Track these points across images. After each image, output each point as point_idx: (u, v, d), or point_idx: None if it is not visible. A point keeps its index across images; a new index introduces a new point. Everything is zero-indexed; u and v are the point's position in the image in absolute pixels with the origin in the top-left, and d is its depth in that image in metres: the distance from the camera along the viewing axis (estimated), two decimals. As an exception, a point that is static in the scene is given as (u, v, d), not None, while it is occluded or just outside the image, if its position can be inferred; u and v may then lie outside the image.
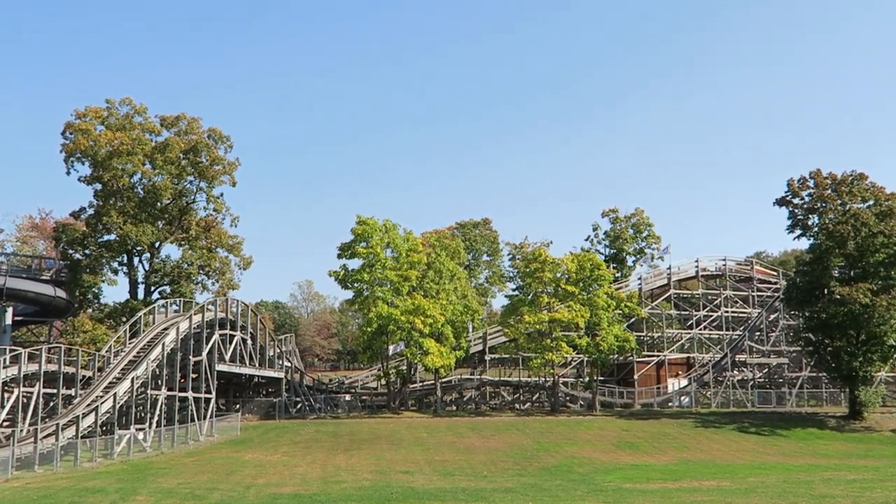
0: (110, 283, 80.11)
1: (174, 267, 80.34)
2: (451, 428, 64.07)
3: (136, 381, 54.99)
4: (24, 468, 43.20)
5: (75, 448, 46.89)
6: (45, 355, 53.86)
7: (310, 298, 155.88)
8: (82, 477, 40.61)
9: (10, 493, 34.75)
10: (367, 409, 78.19)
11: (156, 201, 79.76)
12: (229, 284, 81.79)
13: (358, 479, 39.87)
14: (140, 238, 76.88)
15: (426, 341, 71.64)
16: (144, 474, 41.66)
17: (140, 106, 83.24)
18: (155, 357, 57.86)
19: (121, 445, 50.84)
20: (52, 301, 71.09)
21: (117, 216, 76.85)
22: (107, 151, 77.67)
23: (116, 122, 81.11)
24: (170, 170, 79.79)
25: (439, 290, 77.20)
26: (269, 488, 35.97)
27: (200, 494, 33.82)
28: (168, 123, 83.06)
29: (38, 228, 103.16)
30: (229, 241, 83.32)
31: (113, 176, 77.72)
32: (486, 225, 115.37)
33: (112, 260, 79.40)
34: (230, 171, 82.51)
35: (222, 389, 71.65)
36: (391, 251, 78.03)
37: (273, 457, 49.95)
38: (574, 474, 43.33)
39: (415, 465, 46.07)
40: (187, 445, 56.46)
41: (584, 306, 75.92)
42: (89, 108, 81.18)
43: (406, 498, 32.81)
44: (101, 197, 79.39)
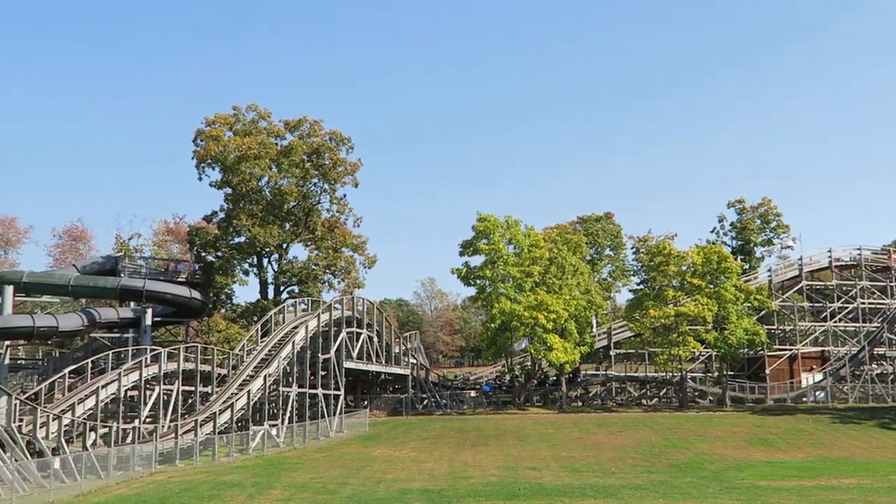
0: (241, 283, 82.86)
1: (301, 267, 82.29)
2: (577, 424, 63.63)
3: (268, 379, 56.66)
4: (167, 462, 45.08)
5: (213, 443, 48.65)
6: (183, 354, 55.97)
7: (433, 296, 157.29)
8: (220, 471, 42.10)
9: (154, 486, 36.35)
10: (493, 405, 78.37)
11: (282, 203, 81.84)
12: (355, 283, 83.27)
13: (485, 474, 40.04)
14: (268, 240, 79.06)
15: (550, 337, 71.31)
16: (278, 469, 42.89)
17: (265, 111, 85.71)
18: (286, 355, 59.45)
19: (255, 441, 52.48)
20: (188, 302, 73.76)
21: (246, 219, 79.20)
22: (235, 156, 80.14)
23: (243, 127, 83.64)
24: (295, 172, 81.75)
25: (562, 285, 76.69)
26: (398, 483, 36.51)
27: (332, 489, 34.62)
28: (291, 127, 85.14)
29: (172, 233, 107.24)
30: (353, 240, 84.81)
31: (241, 180, 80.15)
32: (608, 219, 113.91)
33: (243, 261, 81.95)
34: (352, 171, 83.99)
35: (350, 386, 73.03)
36: (513, 247, 77.96)
37: (401, 452, 50.64)
38: (705, 471, 42.40)
39: (542, 461, 45.95)
40: (318, 441, 57.81)
41: (712, 300, 74.15)
42: (218, 115, 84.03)
43: (534, 494, 32.80)
44: (231, 200, 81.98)
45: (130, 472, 40.64)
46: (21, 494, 31.93)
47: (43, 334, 66.92)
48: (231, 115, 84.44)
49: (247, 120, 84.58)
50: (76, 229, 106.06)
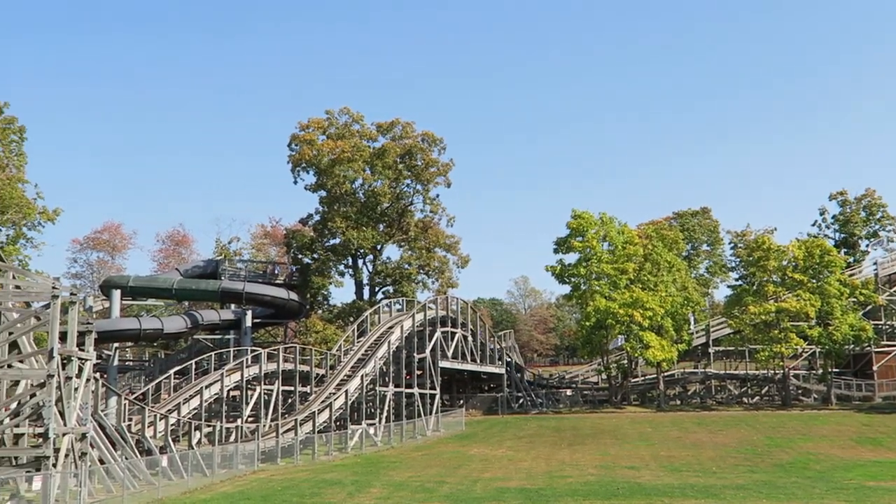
0: (337, 284, 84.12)
1: (395, 268, 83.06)
2: (675, 423, 62.65)
3: (365, 379, 57.37)
4: (268, 461, 46.06)
5: (313, 442, 49.50)
6: (282, 355, 57.09)
7: (526, 294, 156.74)
8: (320, 469, 42.80)
9: (257, 483, 37.18)
10: (589, 403, 77.79)
11: (376, 205, 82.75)
12: (448, 283, 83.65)
13: (583, 473, 39.76)
14: (362, 241, 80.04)
15: (646, 334, 70.44)
16: (377, 467, 43.37)
17: (357, 114, 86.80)
18: (382, 355, 60.09)
19: (354, 440, 53.21)
20: (286, 303, 75.21)
21: (341, 221, 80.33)
22: (329, 160, 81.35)
23: (336, 131, 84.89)
24: (388, 174, 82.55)
25: (658, 282, 75.64)
26: (495, 482, 36.53)
27: (430, 487, 34.83)
28: (384, 129, 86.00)
29: (270, 236, 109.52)
30: (446, 240, 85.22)
31: (336, 183, 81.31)
32: (704, 214, 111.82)
33: (338, 263, 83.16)
34: (444, 172, 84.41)
35: (446, 385, 73.40)
36: (607, 244, 77.26)
37: (497, 451, 50.66)
38: (810, 471, 41.24)
39: (640, 460, 45.39)
40: (415, 440, 58.27)
41: (814, 295, 72.10)
42: (311, 119, 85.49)
43: (633, 493, 32.42)
44: (326, 203, 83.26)
45: (234, 470, 41.65)
46: (132, 491, 33.04)
47: (149, 336, 69.19)
48: (324, 119, 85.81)
49: (340, 123, 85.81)
50: (178, 234, 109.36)
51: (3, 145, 59.86)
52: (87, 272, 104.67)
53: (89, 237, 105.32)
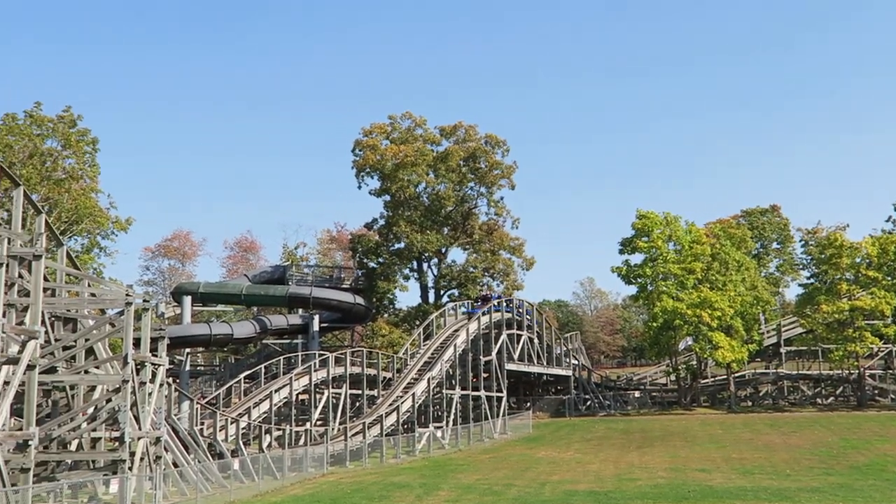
0: (402, 288, 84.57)
1: (460, 271, 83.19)
2: (747, 424, 61.60)
3: (431, 382, 57.55)
4: (337, 464, 46.50)
5: (381, 445, 49.85)
6: (349, 359, 57.61)
7: (592, 295, 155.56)
8: (388, 472, 43.06)
9: (327, 486, 37.58)
10: (658, 405, 76.96)
11: (440, 209, 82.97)
12: (513, 285, 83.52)
13: (653, 476, 39.35)
14: (427, 245, 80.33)
15: (715, 335, 69.43)
16: (444, 470, 43.48)
17: (420, 118, 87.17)
18: (448, 358, 60.23)
19: (421, 443, 53.42)
20: (353, 308, 75.83)
21: (406, 225, 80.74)
22: (393, 164, 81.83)
23: (400, 135, 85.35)
24: (451, 178, 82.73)
25: (726, 281, 74.48)
26: (563, 485, 36.37)
27: (498, 490, 34.83)
28: (447, 133, 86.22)
29: (335, 241, 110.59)
30: (511, 242, 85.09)
31: (400, 187, 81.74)
32: (774, 211, 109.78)
33: (403, 267, 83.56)
34: (508, 174, 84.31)
35: (512, 388, 73.25)
36: (673, 244, 76.38)
37: (565, 454, 50.41)
38: (889, 473, 40.19)
39: (711, 462, 44.75)
40: (482, 443, 58.27)
41: (890, 292, 70.30)
42: (374, 125, 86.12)
43: (704, 496, 32.01)
44: (391, 207, 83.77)
45: (304, 473, 42.15)
46: (205, 494, 33.66)
47: (219, 341, 70.37)
48: (387, 124, 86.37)
49: (403, 128, 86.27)
50: (246, 240, 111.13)
51: (76, 157, 61.42)
52: (159, 279, 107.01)
53: (160, 245, 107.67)
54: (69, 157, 61.16)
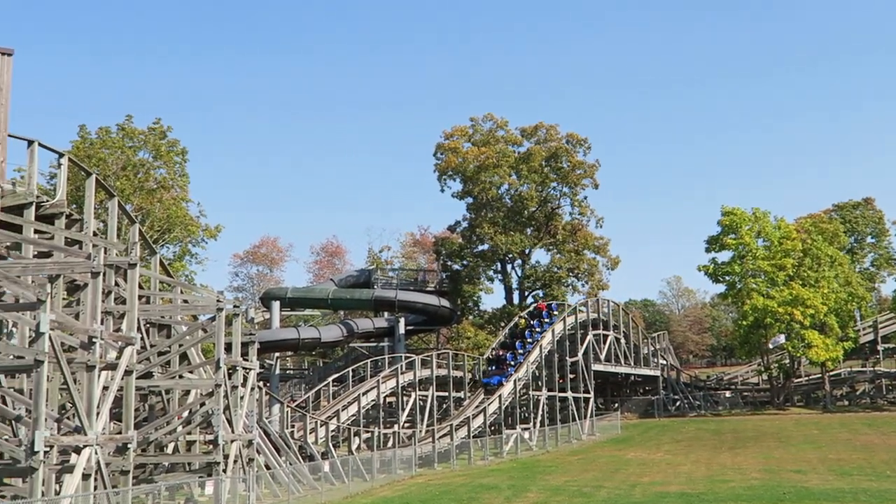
0: (487, 291, 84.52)
1: (545, 272, 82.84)
2: (844, 424, 59.92)
3: (518, 383, 57.52)
4: (425, 466, 46.77)
5: (468, 447, 49.99)
6: (436, 361, 57.90)
7: (679, 294, 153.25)
8: (476, 474, 43.15)
9: (416, 488, 37.84)
10: (749, 405, 75.43)
11: (523, 210, 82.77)
12: (599, 285, 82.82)
13: (746, 477, 38.59)
14: (511, 246, 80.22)
15: (808, 333, 67.74)
16: (532, 472, 43.38)
17: (501, 120, 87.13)
18: (534, 359, 60.10)
19: (509, 444, 53.40)
20: (438, 310, 76.13)
21: (489, 227, 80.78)
22: (475, 166, 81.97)
23: (481, 137, 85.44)
24: (534, 178, 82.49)
25: (818, 277, 72.58)
26: (654, 487, 35.93)
27: (587, 492, 34.58)
28: (528, 134, 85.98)
29: (419, 244, 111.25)
30: (595, 242, 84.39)
31: (482, 189, 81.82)
32: (867, 205, 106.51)
33: (487, 269, 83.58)
34: (591, 173, 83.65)
35: (599, 389, 72.68)
36: (762, 240, 74.77)
37: (655, 455, 49.79)
38: None
39: (807, 463, 43.65)
40: (570, 444, 57.96)
41: None
42: (456, 127, 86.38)
43: (801, 498, 31.26)
44: (473, 210, 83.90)
45: (393, 474, 42.51)
46: (297, 496, 34.23)
47: (307, 345, 71.43)
48: (468, 127, 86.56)
49: (484, 130, 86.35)
50: (331, 245, 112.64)
51: (167, 167, 63.12)
52: (248, 285, 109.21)
53: (249, 251, 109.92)
54: (160, 168, 62.89)
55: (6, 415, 23.53)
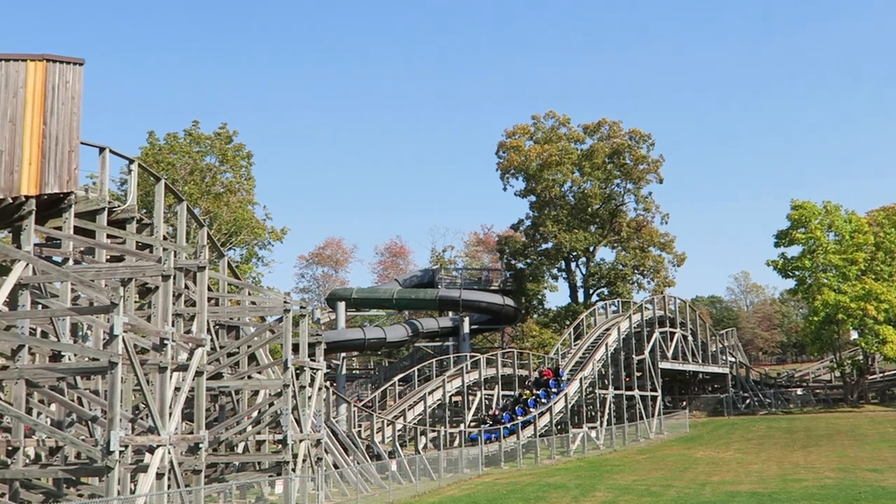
0: (552, 289, 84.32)
1: (610, 269, 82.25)
2: (921, 422, 58.42)
3: (584, 382, 57.18)
4: (492, 465, 46.76)
5: (535, 446, 49.85)
6: (500, 360, 57.87)
7: (747, 290, 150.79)
8: (543, 473, 43.00)
9: (483, 487, 37.86)
10: (822, 403, 73.91)
11: (586, 207, 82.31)
12: (664, 282, 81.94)
13: (819, 476, 37.81)
14: (575, 244, 79.81)
15: (882, 328, 66.10)
16: (600, 471, 43.08)
17: (563, 117, 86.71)
18: (599, 357, 59.70)
19: (575, 443, 53.11)
20: (502, 309, 76.14)
21: (552, 225, 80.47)
22: (537, 164, 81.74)
23: (543, 135, 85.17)
24: (597, 175, 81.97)
25: (893, 272, 70.78)
26: (724, 486, 35.43)
27: (656, 491, 34.23)
28: (590, 130, 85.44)
29: (482, 243, 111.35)
30: (661, 239, 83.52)
31: (545, 187, 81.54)
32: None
33: (552, 267, 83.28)
34: (655, 168, 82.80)
35: (667, 387, 71.88)
36: (833, 234, 73.19)
37: (725, 454, 49.07)
38: None
39: (883, 462, 42.56)
40: (638, 443, 57.43)
41: None
42: (517, 126, 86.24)
43: (877, 498, 30.55)
44: (536, 208, 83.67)
45: (459, 474, 42.57)
46: (364, 495, 34.50)
47: (372, 345, 72.04)
48: (530, 125, 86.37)
49: (546, 128, 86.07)
50: (395, 246, 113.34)
51: (233, 171, 64.16)
52: (314, 286, 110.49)
53: (314, 253, 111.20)
54: (226, 172, 63.97)
55: (82, 415, 24.14)
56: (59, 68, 24.97)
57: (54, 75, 24.74)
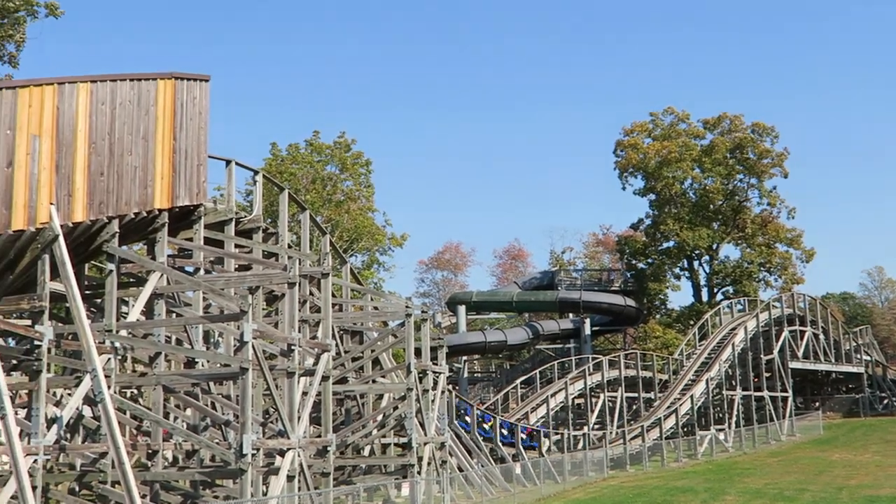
0: (674, 288, 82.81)
1: (734, 267, 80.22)
2: None
3: (710, 383, 55.93)
4: (617, 468, 46.24)
5: (661, 449, 49.03)
6: (623, 361, 57.18)
7: (882, 286, 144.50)
8: (670, 476, 42.23)
9: (608, 490, 37.46)
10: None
11: (708, 204, 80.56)
12: (793, 279, 79.37)
13: (967, 481, 35.98)
14: (697, 242, 78.20)
15: None
16: (729, 474, 42.03)
17: (682, 113, 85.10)
18: (726, 357, 58.30)
19: (703, 446, 52.00)
20: (623, 310, 75.27)
21: (673, 223, 79.05)
22: (656, 162, 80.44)
23: (662, 132, 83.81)
24: (718, 171, 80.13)
25: None
26: (863, 490, 34.05)
27: (790, 495, 33.20)
28: (711, 125, 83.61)
29: (602, 243, 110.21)
30: (787, 234, 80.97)
31: (665, 185, 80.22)
32: None
33: (673, 266, 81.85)
34: (780, 162, 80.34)
35: (798, 387, 69.58)
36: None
37: (863, 456, 47.14)
38: None
39: None
40: (768, 445, 55.81)
41: None
42: (635, 123, 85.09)
43: None
44: (656, 206, 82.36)
45: (584, 477, 42.25)
46: (489, 497, 34.62)
47: (493, 348, 72.23)
48: (648, 122, 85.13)
49: (665, 124, 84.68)
50: (514, 248, 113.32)
51: (353, 179, 65.42)
52: (434, 290, 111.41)
53: (433, 258, 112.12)
54: (346, 180, 65.27)
55: (216, 419, 24.98)
56: (186, 85, 25.95)
57: (182, 92, 25.72)
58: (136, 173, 23.66)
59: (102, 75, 22.92)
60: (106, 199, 22.50)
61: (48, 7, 38.94)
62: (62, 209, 20.88)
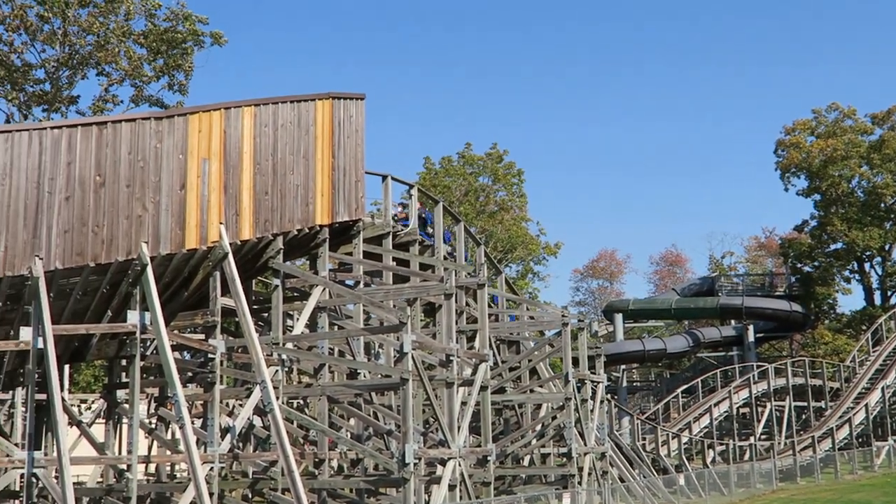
0: (844, 292, 79.04)
1: (909, 268, 75.98)
2: None
3: (886, 391, 53.14)
4: (787, 480, 44.51)
5: (833, 460, 46.90)
6: (790, 369, 55.05)
7: None
8: (844, 489, 40.36)
9: (778, 503, 36.13)
10: None
11: (879, 202, 76.63)
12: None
13: None
14: (868, 243, 74.49)
15: None
16: (912, 488, 39.81)
17: (848, 109, 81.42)
18: (903, 363, 55.30)
19: (880, 457, 49.41)
20: (788, 315, 72.47)
21: (841, 224, 75.61)
22: (820, 161, 77.31)
23: (826, 129, 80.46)
24: (889, 167, 76.11)
25: None
26: None
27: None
28: (879, 120, 79.61)
29: (764, 247, 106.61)
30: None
31: (830, 184, 76.96)
32: None
33: (842, 268, 78.25)
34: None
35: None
36: None
37: None
38: None
39: None
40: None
41: None
42: (797, 121, 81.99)
43: None
44: (822, 207, 79.07)
45: (752, 489, 40.87)
46: (652, 509, 34.03)
47: (652, 357, 70.91)
48: (811, 120, 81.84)
49: (828, 121, 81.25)
50: (671, 254, 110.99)
51: (506, 189, 65.74)
52: (590, 299, 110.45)
53: (588, 266, 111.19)
54: (499, 191, 65.66)
55: (378, 429, 25.58)
56: (343, 104, 26.78)
57: (339, 111, 26.56)
58: (297, 191, 24.58)
59: (265, 98, 23.98)
60: (270, 217, 23.48)
61: (213, 36, 41.06)
62: (230, 228, 21.95)
